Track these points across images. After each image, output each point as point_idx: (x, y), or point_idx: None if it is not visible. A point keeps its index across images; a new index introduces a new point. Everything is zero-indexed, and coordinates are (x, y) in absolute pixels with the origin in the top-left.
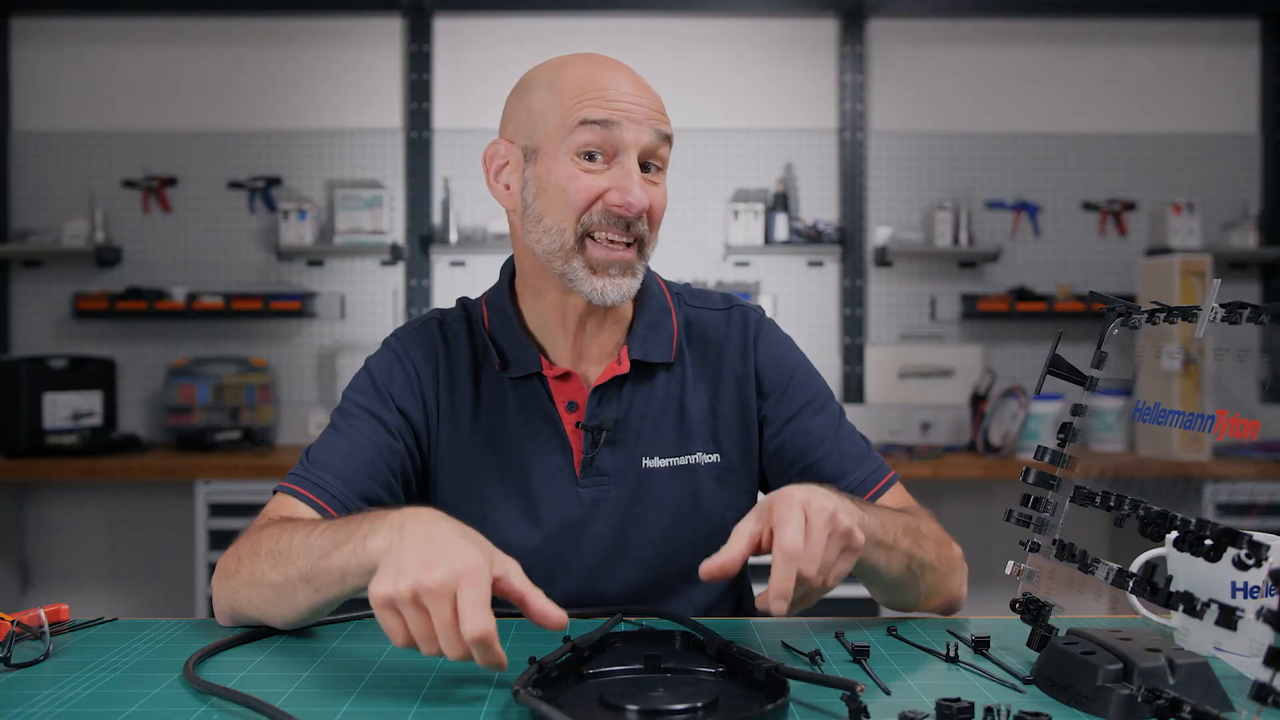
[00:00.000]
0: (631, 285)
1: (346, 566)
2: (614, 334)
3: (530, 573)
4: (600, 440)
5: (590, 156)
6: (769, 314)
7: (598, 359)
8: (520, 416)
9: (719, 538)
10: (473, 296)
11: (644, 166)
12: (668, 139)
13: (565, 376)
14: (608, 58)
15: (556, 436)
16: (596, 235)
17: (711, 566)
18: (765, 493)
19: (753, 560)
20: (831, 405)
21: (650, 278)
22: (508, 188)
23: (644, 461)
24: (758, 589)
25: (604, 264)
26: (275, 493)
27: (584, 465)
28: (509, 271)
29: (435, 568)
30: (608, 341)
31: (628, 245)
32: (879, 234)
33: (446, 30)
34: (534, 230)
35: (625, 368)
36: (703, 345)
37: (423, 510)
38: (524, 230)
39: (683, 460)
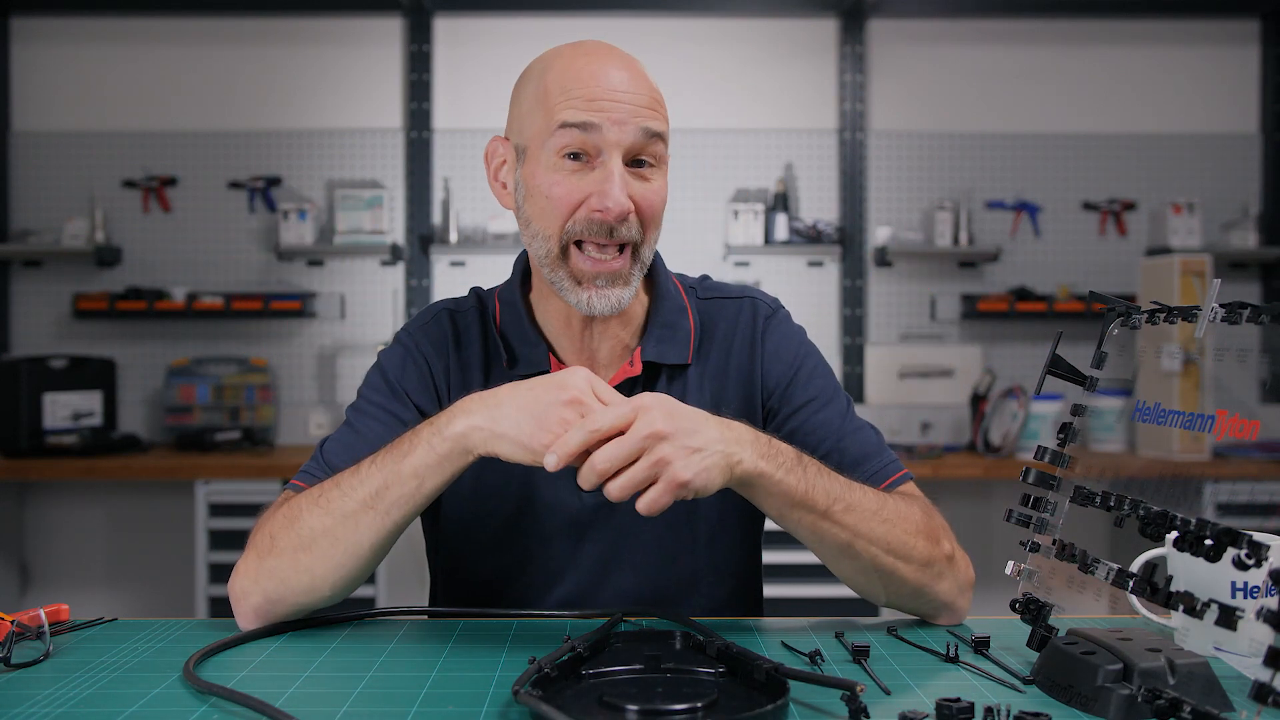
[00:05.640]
0: (622, 295)
1: (422, 464)
2: (624, 335)
3: (531, 574)
4: None
5: (575, 157)
6: None
7: (609, 360)
8: None
9: (717, 541)
10: (486, 287)
11: (638, 163)
12: (659, 135)
13: None
14: (600, 47)
15: None
16: (583, 244)
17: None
18: None
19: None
20: (838, 401)
21: (665, 275)
22: (505, 186)
23: None
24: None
25: (589, 275)
26: (285, 489)
27: None
28: (522, 265)
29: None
30: (617, 343)
31: (618, 252)
32: (879, 234)
33: (446, 30)
34: (526, 234)
35: (638, 369)
36: (713, 339)
37: (470, 398)
38: (521, 232)
39: None
